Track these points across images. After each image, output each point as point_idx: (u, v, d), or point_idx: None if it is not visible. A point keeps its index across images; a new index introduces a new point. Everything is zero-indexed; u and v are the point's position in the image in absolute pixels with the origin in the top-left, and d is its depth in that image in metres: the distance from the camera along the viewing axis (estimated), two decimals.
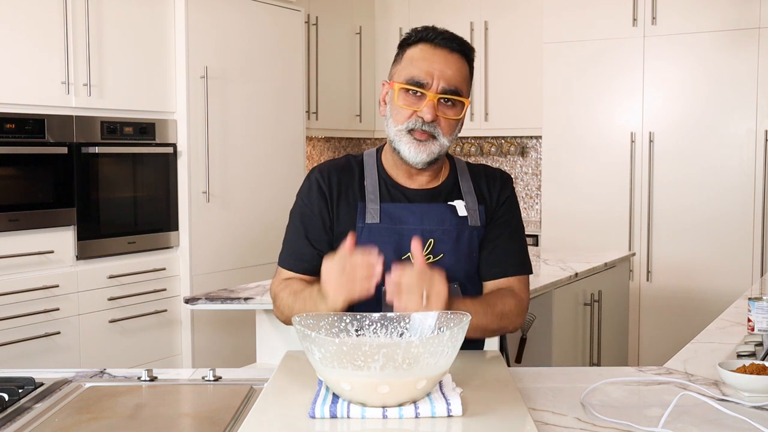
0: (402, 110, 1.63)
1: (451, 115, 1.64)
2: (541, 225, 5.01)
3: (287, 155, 4.64)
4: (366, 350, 1.19)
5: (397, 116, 1.64)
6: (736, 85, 4.40)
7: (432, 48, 1.64)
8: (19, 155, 3.40)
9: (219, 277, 4.17)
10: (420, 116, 1.61)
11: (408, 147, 1.63)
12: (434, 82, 1.61)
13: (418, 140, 1.62)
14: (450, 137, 1.65)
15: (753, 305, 2.00)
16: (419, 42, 1.66)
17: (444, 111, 1.63)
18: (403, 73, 1.64)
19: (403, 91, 1.63)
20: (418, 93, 1.62)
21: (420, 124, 1.61)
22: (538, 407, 1.43)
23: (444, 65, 1.62)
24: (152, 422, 1.46)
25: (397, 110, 1.64)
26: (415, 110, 1.62)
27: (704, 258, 4.52)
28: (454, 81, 1.62)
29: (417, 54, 1.64)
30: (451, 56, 1.64)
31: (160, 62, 3.97)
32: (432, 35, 1.65)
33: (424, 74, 1.61)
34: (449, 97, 1.62)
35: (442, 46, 1.64)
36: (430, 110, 1.60)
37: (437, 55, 1.63)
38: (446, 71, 1.62)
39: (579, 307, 3.45)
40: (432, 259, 1.66)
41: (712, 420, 1.35)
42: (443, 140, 1.64)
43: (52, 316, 3.49)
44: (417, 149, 1.63)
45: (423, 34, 1.66)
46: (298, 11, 4.70)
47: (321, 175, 1.73)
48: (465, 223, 1.70)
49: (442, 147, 1.64)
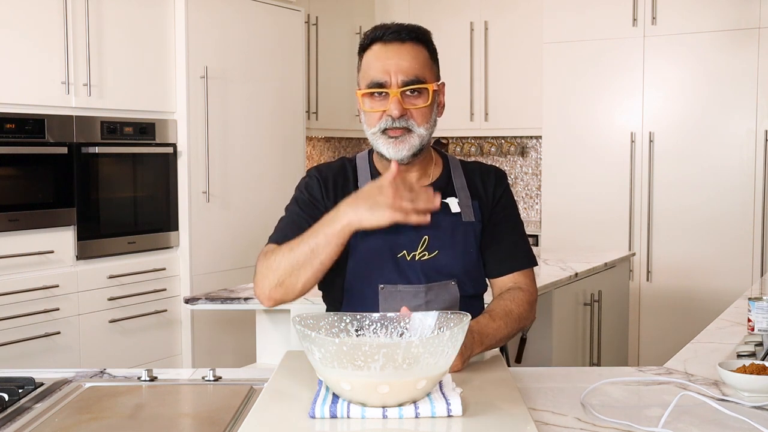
0: (371, 114, 1.66)
1: (419, 103, 1.65)
2: (541, 225, 5.01)
3: (287, 155, 4.64)
4: (366, 350, 1.19)
5: (369, 120, 1.67)
6: (736, 85, 4.40)
7: (383, 45, 1.66)
8: (19, 155, 3.40)
9: (219, 277, 4.17)
10: (388, 115, 1.63)
11: (386, 147, 1.66)
12: (392, 78, 1.63)
13: (393, 138, 1.65)
14: (426, 125, 1.67)
15: (753, 305, 2.00)
16: (372, 44, 1.69)
17: (412, 102, 1.65)
18: (364, 78, 1.68)
19: (368, 96, 1.66)
20: (381, 93, 1.64)
21: (390, 122, 1.64)
22: (538, 407, 1.43)
23: (398, 58, 1.64)
24: (152, 422, 1.46)
25: (367, 115, 1.68)
26: (383, 110, 1.64)
27: (704, 258, 4.52)
28: (413, 70, 1.64)
29: (371, 56, 1.67)
30: (403, 47, 1.66)
31: (160, 62, 3.97)
32: (380, 33, 1.67)
33: (381, 73, 1.64)
34: (412, 87, 1.64)
35: (392, 41, 1.66)
36: (396, 106, 1.62)
37: (390, 51, 1.65)
38: (401, 63, 1.64)
39: (579, 307, 3.45)
40: (427, 256, 1.67)
41: (712, 420, 1.35)
42: (420, 130, 1.65)
43: (52, 316, 3.49)
44: (395, 147, 1.65)
45: (373, 34, 1.68)
46: (298, 11, 4.70)
47: (319, 173, 1.76)
48: (459, 219, 1.71)
49: (420, 137, 1.66)
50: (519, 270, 1.76)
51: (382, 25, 1.69)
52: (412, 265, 1.67)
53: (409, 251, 1.67)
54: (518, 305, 1.69)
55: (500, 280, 1.76)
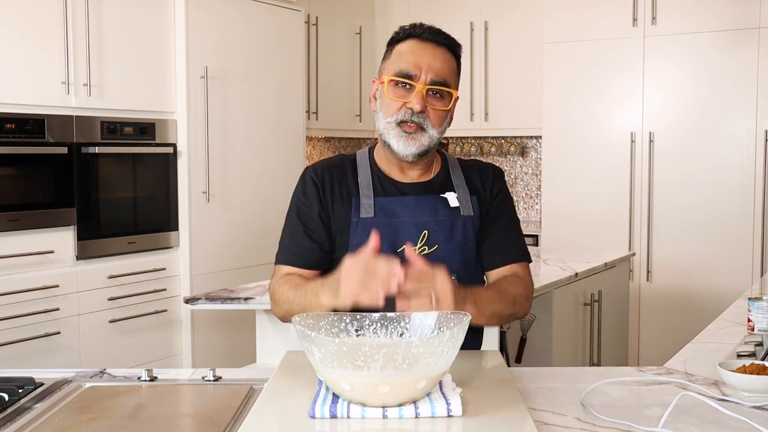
0: (392, 102, 1.67)
1: (439, 106, 1.67)
2: (541, 225, 5.01)
3: (287, 155, 4.64)
4: (366, 350, 1.19)
5: (387, 109, 1.68)
6: (736, 85, 4.40)
7: (419, 42, 1.69)
8: (19, 155, 3.40)
9: (219, 277, 4.17)
10: (410, 107, 1.65)
11: (397, 140, 1.67)
12: (422, 74, 1.65)
13: (407, 133, 1.66)
14: (439, 129, 1.68)
15: (753, 305, 2.00)
16: (407, 38, 1.71)
17: (433, 102, 1.67)
18: (393, 67, 1.69)
19: (393, 84, 1.67)
20: (407, 85, 1.66)
21: (410, 115, 1.65)
22: (538, 407, 1.43)
23: (431, 58, 1.67)
24: (152, 422, 1.46)
25: (387, 103, 1.68)
26: (405, 102, 1.66)
27: (704, 258, 4.52)
28: (442, 73, 1.67)
29: (405, 49, 1.69)
30: (438, 49, 1.69)
31: (160, 62, 3.97)
32: (419, 31, 1.70)
33: (413, 67, 1.66)
34: (437, 89, 1.66)
35: (429, 40, 1.69)
36: (419, 101, 1.64)
37: (425, 49, 1.68)
38: (434, 63, 1.66)
39: (579, 307, 3.45)
40: (427, 250, 1.69)
41: (712, 420, 1.35)
42: (432, 132, 1.67)
43: (52, 316, 3.49)
44: (406, 142, 1.66)
45: (411, 30, 1.71)
46: (298, 11, 4.70)
47: (315, 174, 1.76)
48: (458, 213, 1.73)
49: (431, 139, 1.67)
50: (514, 262, 1.77)
51: (421, 24, 1.72)
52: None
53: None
54: (513, 288, 1.70)
55: (496, 272, 1.77)
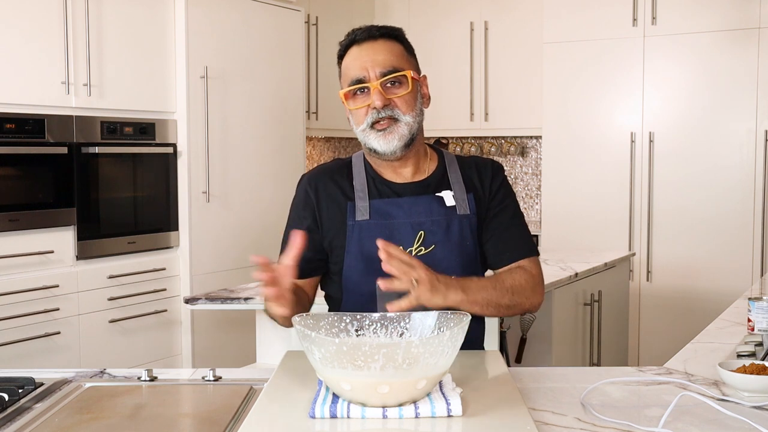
0: (357, 112, 1.70)
1: (401, 92, 1.68)
2: (541, 225, 5.01)
3: (287, 155, 4.64)
4: (366, 350, 1.19)
5: (357, 118, 1.71)
6: (736, 85, 4.40)
7: (358, 47, 1.71)
8: (19, 155, 3.40)
9: (219, 277, 4.16)
10: (373, 107, 1.66)
11: (377, 141, 1.68)
12: (370, 72, 1.67)
13: (381, 131, 1.67)
14: (412, 113, 1.69)
15: (753, 305, 2.00)
16: (347, 49, 1.73)
17: (393, 92, 1.68)
18: (345, 80, 1.72)
19: (351, 95, 1.70)
20: (363, 90, 1.68)
21: (376, 114, 1.67)
22: (538, 407, 1.43)
23: (373, 54, 1.68)
24: (152, 422, 1.46)
25: (354, 114, 1.71)
26: (367, 104, 1.67)
27: (704, 258, 4.52)
28: (388, 62, 1.68)
29: (348, 59, 1.72)
30: (376, 43, 1.70)
31: (160, 62, 3.97)
32: (353, 36, 1.72)
33: (359, 70, 1.67)
34: (391, 77, 1.67)
35: (365, 40, 1.71)
36: (378, 97, 1.65)
37: (364, 49, 1.70)
38: (377, 57, 1.68)
39: (579, 307, 3.45)
40: (423, 251, 1.69)
41: (712, 420, 1.35)
42: (406, 118, 1.68)
43: (52, 316, 3.48)
44: (385, 139, 1.67)
45: (346, 40, 1.74)
46: (298, 11, 4.70)
47: (309, 183, 1.78)
48: (453, 212, 1.72)
49: (408, 125, 1.68)
50: (519, 259, 1.76)
51: (355, 28, 1.73)
52: None
53: (405, 247, 1.68)
54: (512, 278, 1.68)
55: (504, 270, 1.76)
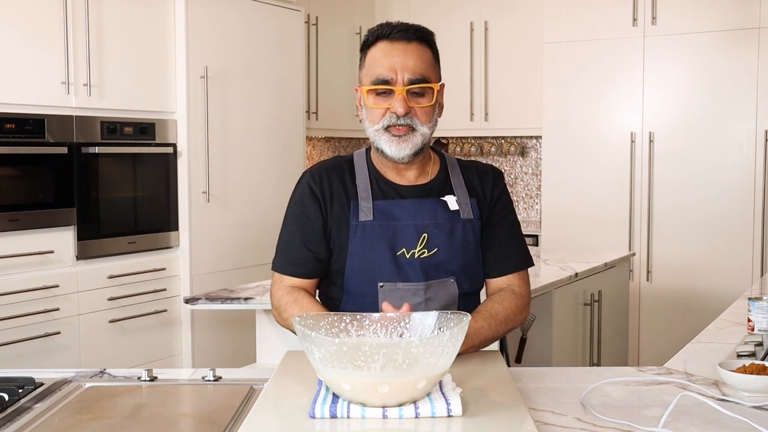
0: (375, 110, 1.67)
1: (424, 102, 1.66)
2: (541, 225, 5.01)
3: (287, 155, 4.64)
4: (366, 350, 1.19)
5: (372, 116, 1.67)
6: (736, 85, 4.40)
7: (390, 44, 1.67)
8: (19, 155, 3.40)
9: (219, 277, 4.17)
10: (393, 112, 1.64)
11: (389, 145, 1.66)
12: (398, 75, 1.64)
13: (397, 137, 1.65)
14: (429, 124, 1.68)
15: (753, 305, 2.00)
16: (377, 41, 1.69)
17: (416, 101, 1.66)
18: (368, 75, 1.68)
19: (372, 93, 1.67)
20: (386, 91, 1.65)
21: (395, 119, 1.64)
22: (538, 407, 1.43)
23: (405, 57, 1.65)
24: (152, 422, 1.46)
25: (370, 111, 1.68)
26: (387, 107, 1.65)
27: (704, 258, 4.52)
28: (419, 69, 1.65)
29: (377, 53, 1.68)
30: (409, 46, 1.66)
31: (160, 62, 3.97)
32: (387, 31, 1.68)
33: (388, 71, 1.64)
34: (417, 87, 1.65)
35: (398, 39, 1.67)
36: (401, 104, 1.63)
37: (396, 49, 1.66)
38: (408, 62, 1.64)
39: (579, 307, 3.45)
40: (426, 253, 1.68)
41: (712, 420, 1.35)
42: (422, 129, 1.66)
43: (52, 316, 3.48)
44: (398, 146, 1.65)
45: (379, 32, 1.69)
46: (298, 11, 4.70)
47: (312, 179, 1.75)
48: (457, 216, 1.72)
49: (423, 136, 1.67)
50: (513, 272, 1.78)
51: (388, 23, 1.70)
52: (411, 263, 1.67)
53: (408, 249, 1.68)
54: (505, 308, 1.71)
55: (495, 281, 1.78)
